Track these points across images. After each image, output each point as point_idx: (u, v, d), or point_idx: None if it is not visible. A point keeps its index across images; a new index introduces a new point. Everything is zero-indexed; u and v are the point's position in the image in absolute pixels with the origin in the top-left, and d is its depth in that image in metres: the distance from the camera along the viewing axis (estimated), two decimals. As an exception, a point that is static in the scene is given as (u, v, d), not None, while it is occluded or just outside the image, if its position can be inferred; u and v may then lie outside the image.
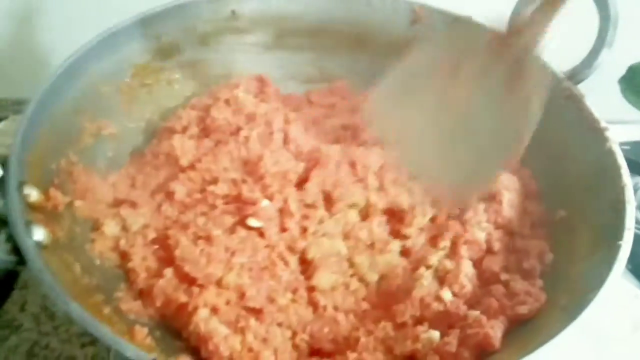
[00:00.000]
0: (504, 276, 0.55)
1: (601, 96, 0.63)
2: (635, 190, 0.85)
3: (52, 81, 0.59)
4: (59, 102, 0.59)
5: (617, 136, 0.91)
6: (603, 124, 0.60)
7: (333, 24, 0.78)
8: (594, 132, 0.60)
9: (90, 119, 0.63)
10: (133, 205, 0.59)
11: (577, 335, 0.52)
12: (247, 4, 0.75)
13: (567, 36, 0.66)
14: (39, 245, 0.46)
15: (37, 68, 0.60)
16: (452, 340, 0.48)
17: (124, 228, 0.58)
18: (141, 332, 0.47)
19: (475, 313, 0.50)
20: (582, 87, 0.65)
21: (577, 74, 0.65)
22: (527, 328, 0.51)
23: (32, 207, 0.50)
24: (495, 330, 0.48)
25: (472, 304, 0.52)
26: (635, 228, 0.74)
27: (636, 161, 0.84)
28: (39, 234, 0.47)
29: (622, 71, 0.71)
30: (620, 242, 0.49)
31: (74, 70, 0.62)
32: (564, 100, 0.64)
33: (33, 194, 0.50)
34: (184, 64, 0.74)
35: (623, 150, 0.88)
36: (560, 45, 0.69)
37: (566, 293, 0.51)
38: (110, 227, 0.57)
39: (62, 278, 0.45)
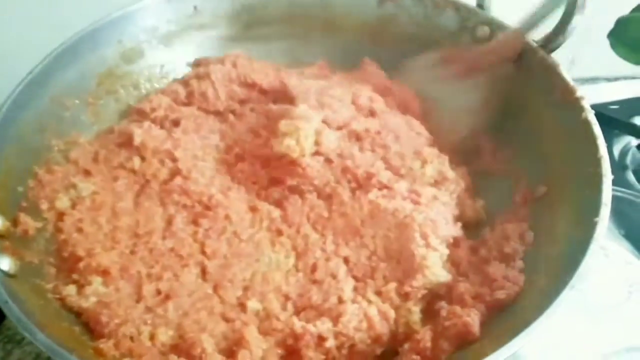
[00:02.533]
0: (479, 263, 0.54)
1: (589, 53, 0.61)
2: (627, 151, 0.84)
3: (12, 99, 0.57)
4: (22, 121, 0.59)
5: (606, 95, 0.90)
6: (579, 94, 0.58)
7: (301, 10, 0.76)
8: (570, 102, 0.58)
9: (57, 135, 0.62)
10: (87, 173, 0.60)
11: (571, 303, 0.52)
12: (208, -2, 0.73)
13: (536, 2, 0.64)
14: (6, 274, 0.46)
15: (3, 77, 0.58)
16: (425, 335, 0.47)
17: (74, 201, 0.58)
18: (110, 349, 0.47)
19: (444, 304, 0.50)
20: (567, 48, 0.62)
21: (550, 42, 0.62)
22: (507, 313, 0.50)
23: (-3, 236, 0.49)
24: (473, 318, 0.48)
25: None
26: (627, 193, 0.74)
27: (625, 121, 0.83)
28: (5, 263, 0.47)
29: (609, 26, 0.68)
30: (597, 219, 0.48)
31: (35, 84, 0.60)
32: (538, 70, 0.62)
33: (-2, 222, 0.50)
34: (149, 66, 0.72)
35: (611, 110, 0.87)
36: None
37: (546, 274, 0.50)
38: (63, 202, 0.57)
39: (32, 306, 0.46)
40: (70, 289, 0.51)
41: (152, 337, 0.48)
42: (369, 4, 0.75)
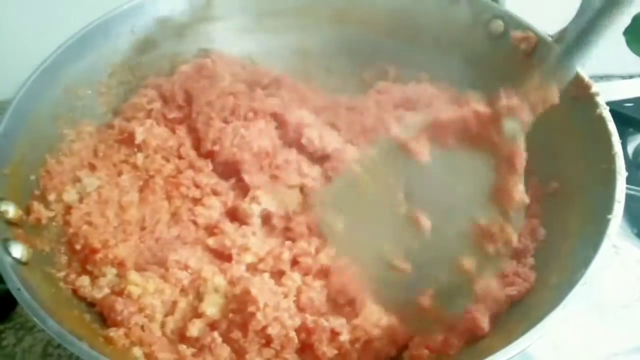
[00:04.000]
0: None
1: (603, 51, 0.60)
2: (641, 150, 0.82)
3: (26, 88, 0.58)
4: (35, 110, 0.59)
5: (620, 92, 0.89)
6: (594, 89, 0.57)
7: (313, 2, 0.75)
8: (584, 97, 0.57)
9: (69, 124, 0.63)
10: (92, 167, 0.61)
11: (581, 301, 0.52)
12: (222, -12, 0.73)
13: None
14: (18, 262, 0.47)
15: (10, 71, 0.58)
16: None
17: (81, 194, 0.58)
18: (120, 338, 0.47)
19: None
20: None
21: (566, 37, 0.61)
22: (516, 309, 0.50)
23: (10, 224, 0.50)
24: (482, 313, 0.47)
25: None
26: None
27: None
28: (17, 251, 0.47)
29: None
30: (610, 216, 0.48)
31: (49, 74, 0.61)
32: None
33: (10, 210, 0.50)
34: (162, 57, 0.72)
35: (626, 108, 0.86)
36: (547, 6, 0.66)
37: (557, 271, 0.50)
38: (70, 194, 0.58)
39: (43, 293, 0.46)
40: (84, 280, 0.52)
41: (162, 325, 0.49)
42: (383, -1, 0.74)
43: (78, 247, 0.54)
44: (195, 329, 0.49)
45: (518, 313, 0.49)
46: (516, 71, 0.64)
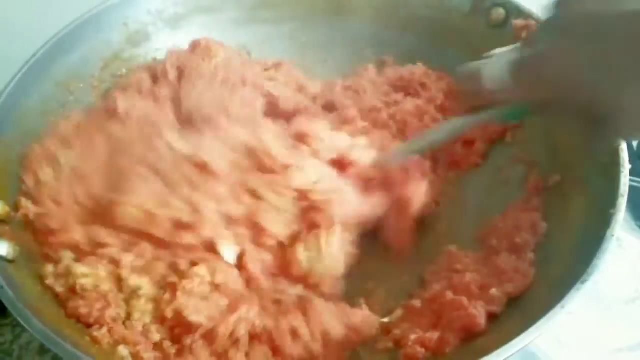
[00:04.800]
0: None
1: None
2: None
3: (15, 83, 0.57)
4: (24, 105, 0.58)
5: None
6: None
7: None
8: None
9: (60, 119, 0.61)
10: (67, 144, 0.58)
11: (583, 296, 0.50)
12: (216, -21, 0.72)
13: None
14: (4, 259, 0.46)
15: (6, 59, 0.57)
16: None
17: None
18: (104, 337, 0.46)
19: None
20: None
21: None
22: (515, 306, 0.48)
23: (-4, 221, 0.49)
24: (479, 310, 0.46)
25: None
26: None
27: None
28: (3, 248, 0.46)
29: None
30: (613, 211, 0.46)
31: (39, 68, 0.60)
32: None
33: (-4, 205, 0.49)
34: (155, 50, 0.71)
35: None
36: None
37: (557, 267, 0.49)
38: (46, 174, 0.55)
39: (29, 292, 0.45)
40: (47, 268, 0.49)
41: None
42: (380, -14, 0.73)
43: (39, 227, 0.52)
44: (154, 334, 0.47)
45: (517, 310, 0.48)
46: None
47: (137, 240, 0.50)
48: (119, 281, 0.48)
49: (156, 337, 0.46)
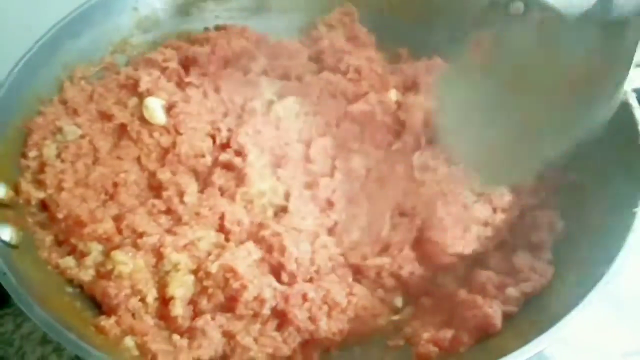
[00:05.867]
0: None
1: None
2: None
3: (21, 66, 0.56)
4: (30, 89, 0.57)
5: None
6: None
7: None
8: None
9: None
10: (75, 112, 0.58)
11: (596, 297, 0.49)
12: (230, -35, 0.71)
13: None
14: (7, 245, 0.45)
15: (12, 47, 0.56)
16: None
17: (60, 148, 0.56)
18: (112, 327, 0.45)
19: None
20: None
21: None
22: (532, 307, 0.47)
23: (0, 205, 0.48)
24: (495, 309, 0.45)
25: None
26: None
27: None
28: (6, 233, 0.45)
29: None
30: (636, 210, 0.45)
31: (45, 52, 0.59)
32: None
33: (0, 191, 0.48)
34: (165, 36, 0.70)
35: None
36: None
37: (576, 267, 0.47)
38: (50, 149, 0.55)
39: (32, 279, 0.44)
40: (68, 261, 0.50)
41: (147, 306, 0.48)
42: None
43: (60, 216, 0.51)
44: (177, 307, 0.47)
45: (534, 311, 0.47)
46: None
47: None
48: (160, 259, 0.50)
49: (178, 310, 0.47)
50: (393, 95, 0.64)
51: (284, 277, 0.50)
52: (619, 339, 0.61)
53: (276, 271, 0.51)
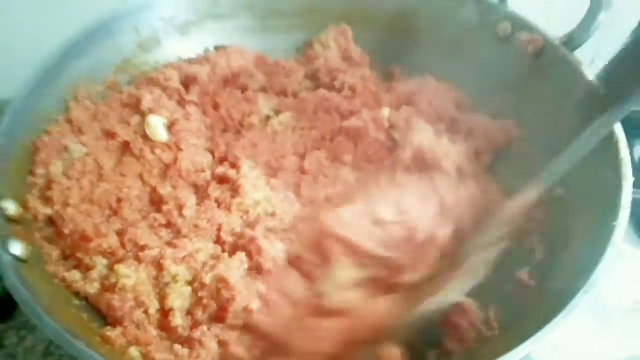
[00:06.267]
0: None
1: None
2: (651, 159, 0.81)
3: (29, 86, 0.58)
4: (38, 108, 0.59)
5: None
6: (602, 93, 0.56)
7: (318, 2, 0.76)
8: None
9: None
10: (80, 131, 0.61)
11: (585, 306, 0.51)
12: (227, -12, 0.73)
13: (561, -1, 0.62)
14: (17, 259, 0.47)
15: (19, 67, 0.59)
16: None
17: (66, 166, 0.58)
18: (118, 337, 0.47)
19: None
20: (588, 50, 0.61)
21: (573, 40, 0.61)
22: (522, 315, 0.49)
23: (10, 221, 0.50)
24: None
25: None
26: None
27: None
28: (17, 248, 0.47)
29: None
30: (615, 223, 0.47)
31: (52, 72, 0.61)
32: (560, 68, 0.61)
33: (10, 207, 0.50)
34: (166, 55, 0.72)
35: (636, 113, 0.84)
36: (554, 9, 0.66)
37: (561, 278, 0.49)
38: (57, 167, 0.57)
39: (41, 291, 0.46)
40: (74, 275, 0.52)
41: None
42: (390, -2, 0.74)
43: (67, 231, 0.54)
44: (177, 318, 0.49)
45: (523, 318, 0.49)
46: (523, 73, 0.65)
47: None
48: (160, 271, 0.52)
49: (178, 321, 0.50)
50: (386, 112, 0.66)
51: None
52: (607, 348, 0.63)
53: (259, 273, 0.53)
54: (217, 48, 0.73)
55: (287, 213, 0.58)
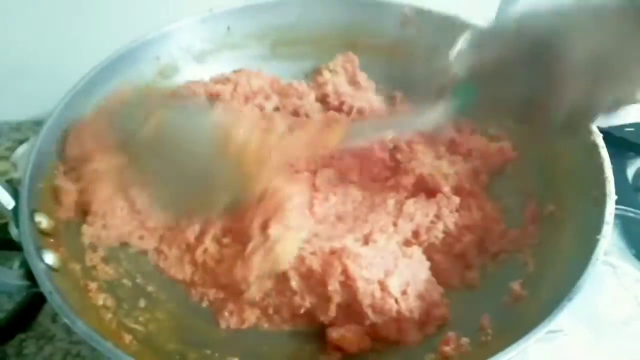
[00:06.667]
0: None
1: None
2: (640, 174, 0.85)
3: (60, 108, 0.63)
4: (67, 128, 0.63)
5: (621, 117, 0.91)
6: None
7: (326, 32, 0.80)
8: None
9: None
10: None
11: (577, 319, 0.54)
12: (241, 19, 0.78)
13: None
14: (50, 268, 0.51)
15: (53, 87, 0.63)
16: None
17: None
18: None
19: None
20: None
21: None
22: (514, 319, 0.53)
23: (43, 233, 0.54)
24: None
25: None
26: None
27: (640, 144, 0.84)
28: (49, 258, 0.51)
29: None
30: (599, 237, 0.51)
31: (80, 95, 0.65)
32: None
33: (44, 221, 0.55)
34: (184, 81, 0.77)
35: (627, 132, 0.88)
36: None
37: (548, 290, 0.53)
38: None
39: (71, 297, 0.50)
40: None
41: None
42: (392, 27, 0.78)
43: None
44: None
45: (515, 325, 0.51)
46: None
47: None
48: None
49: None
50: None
51: None
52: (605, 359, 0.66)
53: None
54: (235, 71, 0.78)
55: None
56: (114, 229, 0.61)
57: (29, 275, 0.49)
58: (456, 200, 0.63)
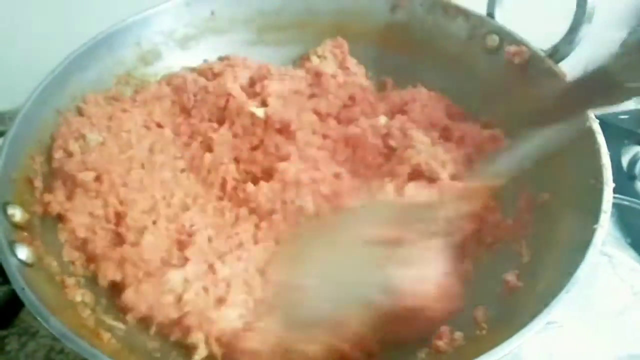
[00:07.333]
0: None
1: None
2: (636, 161, 0.84)
3: (34, 97, 0.60)
4: (43, 118, 0.61)
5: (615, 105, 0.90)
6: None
7: (314, 16, 0.78)
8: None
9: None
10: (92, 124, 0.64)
11: (571, 310, 0.53)
12: (226, 3, 0.76)
13: (546, 13, 0.65)
14: (24, 263, 0.48)
15: (29, 78, 0.61)
16: None
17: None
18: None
19: None
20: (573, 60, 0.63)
21: (558, 52, 0.63)
22: (509, 312, 0.51)
23: (16, 226, 0.52)
24: None
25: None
26: (635, 203, 0.74)
27: (634, 131, 0.83)
28: (23, 253, 0.49)
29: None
30: (596, 226, 0.49)
31: (56, 83, 0.63)
32: (545, 80, 0.63)
33: (17, 213, 0.52)
34: (166, 68, 0.74)
35: (621, 120, 0.87)
36: (539, 23, 0.68)
37: (544, 281, 0.51)
38: (74, 147, 0.61)
39: (46, 294, 0.48)
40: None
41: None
42: (381, 11, 0.77)
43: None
44: None
45: (510, 318, 0.50)
46: (510, 83, 0.67)
47: None
48: None
49: None
50: (383, 120, 0.68)
51: None
52: (597, 350, 0.65)
53: None
54: (220, 58, 0.76)
55: None
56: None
57: (1, 271, 0.46)
58: (457, 185, 0.60)
